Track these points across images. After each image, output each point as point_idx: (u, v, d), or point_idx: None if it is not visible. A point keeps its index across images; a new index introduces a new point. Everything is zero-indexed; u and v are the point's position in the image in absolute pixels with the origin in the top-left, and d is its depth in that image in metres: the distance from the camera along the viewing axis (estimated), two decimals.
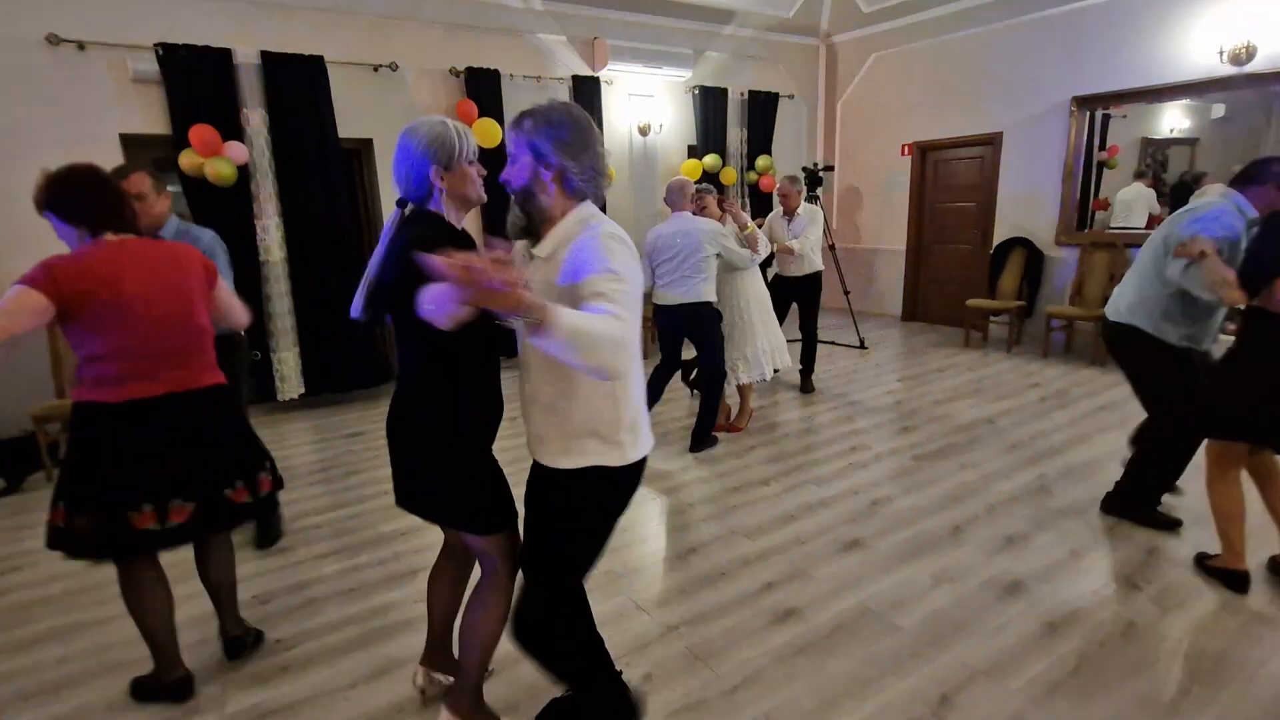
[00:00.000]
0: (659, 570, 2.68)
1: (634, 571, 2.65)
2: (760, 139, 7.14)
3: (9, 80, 4.02)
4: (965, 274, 6.84)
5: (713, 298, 3.75)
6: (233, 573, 2.21)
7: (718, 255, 3.69)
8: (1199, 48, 5.07)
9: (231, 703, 2.01)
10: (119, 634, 2.36)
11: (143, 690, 2.05)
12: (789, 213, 4.72)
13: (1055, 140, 5.97)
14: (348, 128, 5.00)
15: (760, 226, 4.22)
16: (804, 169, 6.51)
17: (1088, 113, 5.80)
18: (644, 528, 3.03)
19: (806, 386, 5.00)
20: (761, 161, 6.96)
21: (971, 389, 4.90)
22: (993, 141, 6.43)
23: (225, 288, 2.10)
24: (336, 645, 2.26)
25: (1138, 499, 2.85)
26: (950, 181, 6.93)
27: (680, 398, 4.80)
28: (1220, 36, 4.94)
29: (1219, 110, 5.24)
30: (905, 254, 7.38)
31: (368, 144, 5.25)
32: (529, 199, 1.44)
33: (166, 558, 1.95)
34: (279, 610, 2.47)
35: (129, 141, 4.42)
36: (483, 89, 5.42)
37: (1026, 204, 6.27)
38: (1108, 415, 4.21)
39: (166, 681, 2.02)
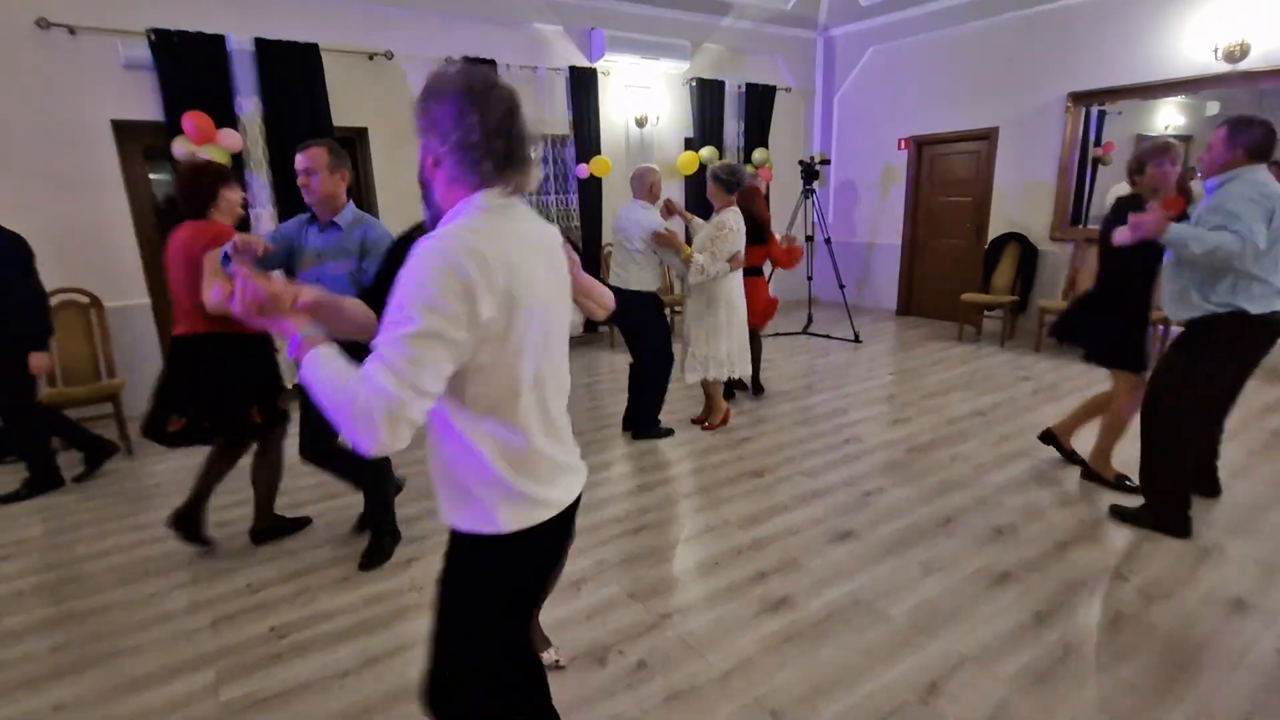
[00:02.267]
0: (652, 559, 2.69)
1: (627, 561, 2.67)
2: (757, 131, 7.14)
3: None
4: (960, 269, 6.86)
5: (647, 286, 3.79)
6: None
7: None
8: (1193, 45, 5.08)
9: (225, 690, 2.02)
10: (110, 624, 2.37)
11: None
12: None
13: (1051, 136, 5.98)
14: (343, 116, 4.97)
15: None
16: (800, 162, 6.51)
17: (1083, 109, 5.81)
18: (637, 517, 3.04)
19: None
20: (758, 154, 6.94)
21: (964, 382, 4.93)
22: (989, 136, 6.44)
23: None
24: (330, 634, 2.27)
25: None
26: (946, 176, 6.94)
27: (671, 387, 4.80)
28: (1214, 34, 4.96)
29: (1213, 108, 5.25)
30: (901, 248, 7.39)
31: (362, 133, 5.22)
32: (425, 195, 1.18)
33: None
34: (273, 599, 2.48)
35: (121, 128, 4.38)
36: None
37: (1021, 199, 6.29)
38: None
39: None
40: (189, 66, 4.35)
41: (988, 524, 2.87)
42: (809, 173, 6.43)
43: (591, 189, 6.17)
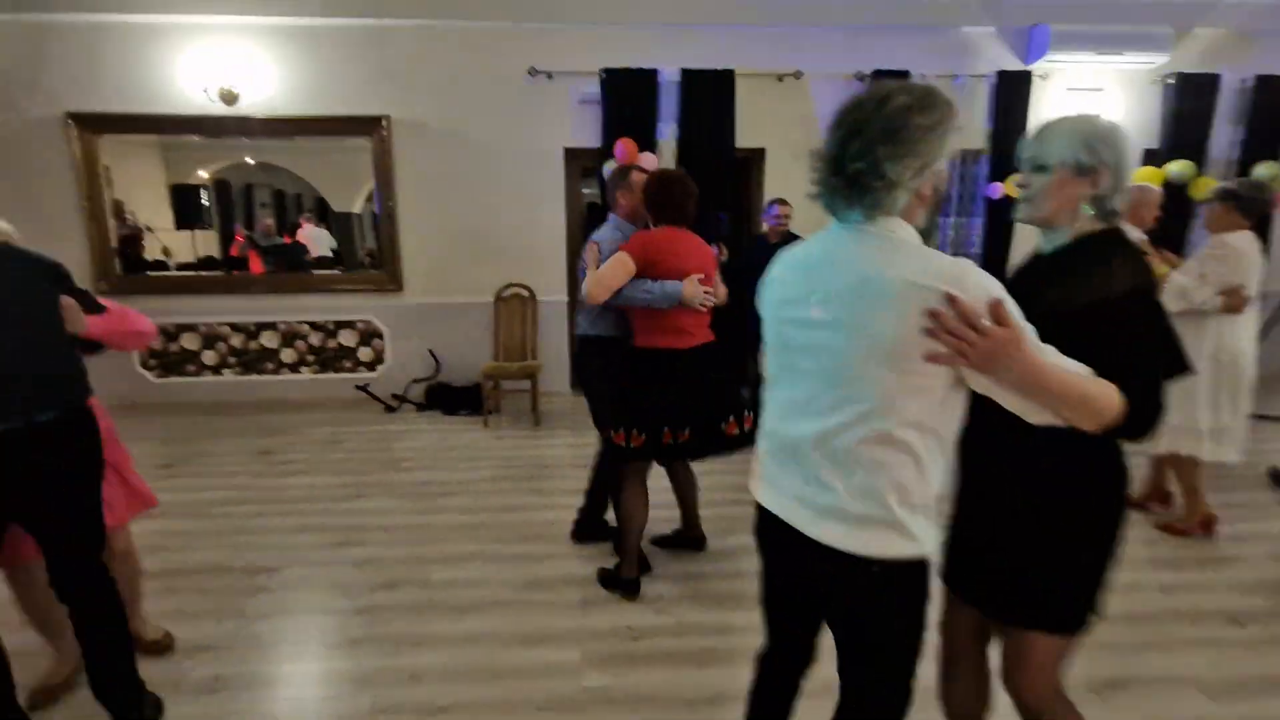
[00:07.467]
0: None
1: None
2: (1266, 138, 5.29)
3: (497, 106, 5.06)
4: None
5: None
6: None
7: None
8: None
9: (588, 676, 2.11)
10: (511, 574, 2.70)
11: (606, 580, 2.61)
12: None
13: None
14: (744, 137, 5.14)
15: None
16: None
17: None
18: None
19: None
20: (1264, 169, 5.11)
21: None
22: None
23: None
24: (678, 652, 2.23)
25: None
26: None
27: None
28: None
29: None
30: None
31: (760, 153, 5.33)
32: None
33: None
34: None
35: (569, 154, 5.22)
36: None
37: None
38: None
39: (624, 579, 2.55)
40: (627, 98, 4.96)
41: None
42: None
43: (1002, 211, 5.29)
